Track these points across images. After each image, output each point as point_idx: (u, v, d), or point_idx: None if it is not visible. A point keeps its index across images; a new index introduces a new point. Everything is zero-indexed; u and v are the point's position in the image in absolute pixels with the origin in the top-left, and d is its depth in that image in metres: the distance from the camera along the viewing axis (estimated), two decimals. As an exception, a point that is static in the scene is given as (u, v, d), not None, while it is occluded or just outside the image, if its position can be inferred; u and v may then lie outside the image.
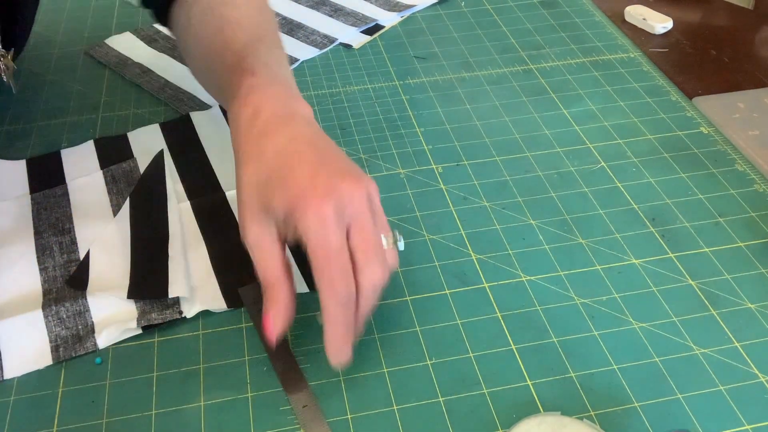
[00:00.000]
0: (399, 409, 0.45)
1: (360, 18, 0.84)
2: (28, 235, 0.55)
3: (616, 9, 0.85)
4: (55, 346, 0.48)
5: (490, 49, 0.79)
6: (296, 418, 0.44)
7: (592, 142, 0.65)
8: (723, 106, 0.69)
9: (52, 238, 0.55)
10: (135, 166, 0.62)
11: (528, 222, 0.57)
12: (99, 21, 0.86)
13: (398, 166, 0.63)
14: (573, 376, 0.46)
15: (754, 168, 0.62)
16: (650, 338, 0.48)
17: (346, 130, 0.68)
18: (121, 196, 0.59)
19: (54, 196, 0.59)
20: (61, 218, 0.57)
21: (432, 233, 0.57)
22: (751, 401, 0.45)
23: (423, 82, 0.74)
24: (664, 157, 0.64)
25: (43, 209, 0.57)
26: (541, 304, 0.51)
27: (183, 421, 0.44)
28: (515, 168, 0.63)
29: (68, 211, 0.57)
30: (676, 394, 0.45)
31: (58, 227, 0.56)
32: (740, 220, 0.57)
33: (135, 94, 0.73)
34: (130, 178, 0.60)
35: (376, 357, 0.48)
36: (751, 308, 0.50)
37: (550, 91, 0.72)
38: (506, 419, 0.44)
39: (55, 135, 0.67)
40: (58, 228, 0.56)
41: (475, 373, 0.47)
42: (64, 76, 0.76)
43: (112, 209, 0.57)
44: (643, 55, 0.77)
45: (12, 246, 0.54)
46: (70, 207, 0.58)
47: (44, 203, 0.58)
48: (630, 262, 0.54)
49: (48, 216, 0.57)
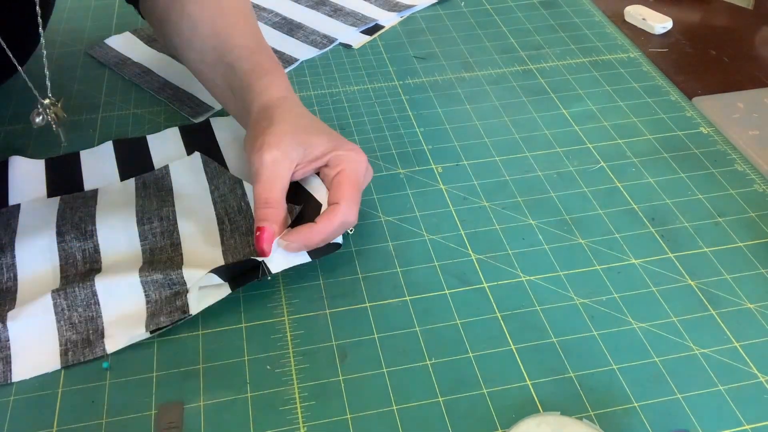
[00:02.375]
0: (399, 409, 0.45)
1: (360, 18, 0.84)
2: (51, 236, 0.54)
3: (615, 9, 0.85)
4: (65, 350, 0.48)
5: (489, 49, 0.79)
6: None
7: (591, 142, 0.65)
8: (723, 106, 0.69)
9: (74, 243, 0.54)
10: (167, 173, 0.61)
11: (528, 222, 0.58)
12: (99, 21, 0.86)
13: (398, 166, 0.63)
14: (572, 376, 0.46)
15: (754, 168, 0.62)
16: (650, 338, 0.48)
17: (346, 130, 0.68)
18: (148, 200, 0.58)
19: (83, 197, 0.58)
20: (85, 218, 0.56)
21: (432, 233, 0.57)
22: (751, 401, 0.45)
23: (423, 82, 0.74)
24: (664, 157, 0.64)
25: (69, 209, 0.57)
26: (540, 304, 0.51)
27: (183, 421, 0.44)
28: (515, 168, 0.63)
29: (92, 211, 0.57)
30: (676, 394, 0.45)
31: (81, 229, 0.55)
32: (740, 220, 0.57)
33: (135, 94, 0.73)
34: (161, 185, 0.59)
35: (376, 357, 0.48)
36: (750, 308, 0.51)
37: (549, 91, 0.72)
38: (506, 419, 0.44)
39: (55, 135, 0.67)
40: (80, 230, 0.55)
41: (475, 373, 0.47)
42: (64, 76, 0.76)
43: (135, 215, 0.56)
44: (642, 55, 0.77)
45: (34, 247, 0.54)
46: (96, 207, 0.57)
47: (71, 202, 0.58)
48: (629, 262, 0.54)
49: (72, 216, 0.56)
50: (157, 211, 0.56)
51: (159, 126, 0.68)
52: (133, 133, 0.68)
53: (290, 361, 0.48)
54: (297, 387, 0.46)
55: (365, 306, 0.51)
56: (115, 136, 0.67)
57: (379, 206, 0.59)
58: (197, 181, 0.60)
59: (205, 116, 0.69)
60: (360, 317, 0.50)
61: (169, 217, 0.56)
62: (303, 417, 0.44)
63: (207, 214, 0.57)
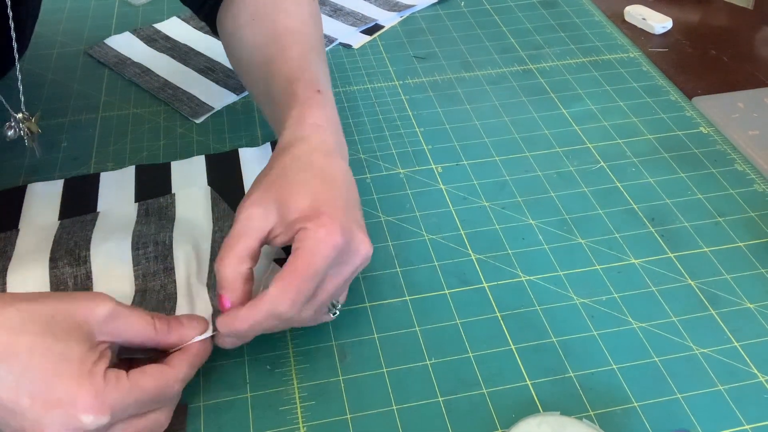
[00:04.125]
0: (399, 409, 0.45)
1: (360, 18, 0.84)
2: (43, 263, 0.52)
3: (615, 9, 0.85)
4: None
5: (489, 49, 0.79)
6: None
7: (591, 142, 0.65)
8: (723, 106, 0.69)
9: (66, 269, 0.51)
10: (172, 202, 0.58)
11: (527, 222, 0.58)
12: (99, 21, 0.86)
13: (398, 165, 0.63)
14: (572, 376, 0.46)
15: (754, 168, 0.62)
16: (650, 338, 0.48)
17: (346, 130, 0.67)
18: (147, 226, 0.55)
19: (82, 222, 0.56)
20: (80, 243, 0.53)
21: (431, 233, 0.57)
22: (751, 401, 0.45)
23: (423, 82, 0.74)
24: (664, 157, 0.64)
25: (65, 234, 0.55)
26: (540, 304, 0.51)
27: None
28: (515, 168, 0.63)
29: (89, 236, 0.54)
30: (676, 394, 0.45)
31: (74, 254, 0.52)
32: (740, 220, 0.57)
33: (135, 93, 0.73)
34: (163, 214, 0.57)
35: (376, 357, 0.48)
36: (750, 308, 0.51)
37: (549, 91, 0.72)
38: (506, 419, 0.44)
39: (55, 135, 0.67)
40: (74, 255, 0.52)
41: (475, 373, 0.47)
42: (64, 76, 0.76)
43: (131, 240, 0.53)
44: (642, 55, 0.77)
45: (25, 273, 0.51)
46: (92, 232, 0.55)
47: (69, 227, 0.55)
48: (629, 262, 0.54)
49: (67, 241, 0.54)
50: (153, 236, 0.54)
51: (159, 126, 0.68)
52: (132, 133, 0.68)
53: (290, 361, 0.48)
54: (297, 387, 0.46)
55: (365, 306, 0.51)
56: (115, 136, 0.67)
57: (379, 206, 0.59)
58: (202, 216, 0.57)
59: (205, 116, 0.69)
60: (360, 317, 0.50)
61: (165, 242, 0.53)
62: (303, 417, 0.44)
63: (203, 247, 0.54)
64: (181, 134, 0.68)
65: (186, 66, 0.76)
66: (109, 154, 0.65)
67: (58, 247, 0.53)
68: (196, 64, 0.76)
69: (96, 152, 0.66)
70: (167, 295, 0.49)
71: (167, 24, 0.84)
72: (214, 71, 0.75)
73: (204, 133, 0.68)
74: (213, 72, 0.75)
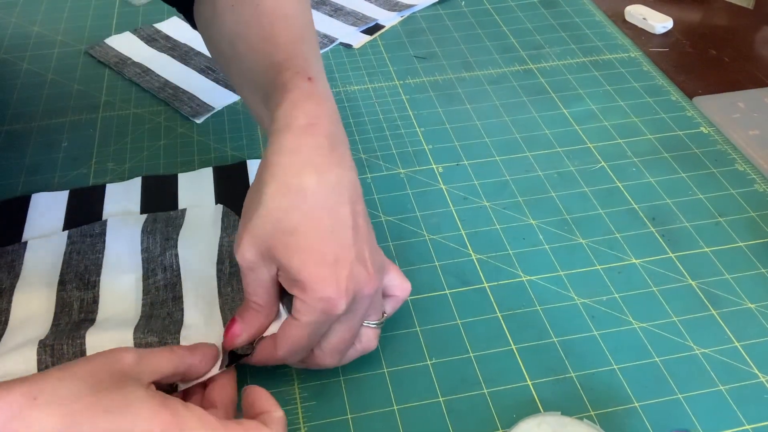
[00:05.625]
0: (399, 409, 0.45)
1: (360, 18, 0.84)
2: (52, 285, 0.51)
3: (616, 9, 0.85)
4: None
5: (490, 48, 0.79)
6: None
7: (592, 142, 0.65)
8: (723, 106, 0.69)
9: (74, 292, 0.51)
10: (182, 215, 0.57)
11: (528, 222, 0.57)
12: (99, 21, 0.86)
13: (398, 165, 0.63)
14: (573, 376, 0.46)
15: (754, 168, 0.62)
16: (650, 338, 0.48)
17: (346, 130, 0.67)
18: (153, 239, 0.55)
19: (91, 235, 0.55)
20: (90, 267, 0.52)
21: (432, 233, 0.57)
22: (751, 401, 0.45)
23: (423, 81, 0.74)
24: (665, 156, 0.64)
25: (75, 252, 0.54)
26: (541, 303, 0.51)
27: (183, 421, 0.44)
28: (515, 168, 0.63)
29: (100, 259, 0.53)
30: (676, 394, 0.45)
31: (84, 279, 0.52)
32: (740, 219, 0.57)
33: (135, 93, 0.73)
34: (170, 231, 0.55)
35: (376, 357, 0.48)
36: (751, 308, 0.50)
37: (550, 91, 0.72)
38: (506, 419, 0.44)
39: (55, 135, 0.67)
40: (83, 280, 0.51)
41: (475, 373, 0.47)
42: (64, 76, 0.76)
43: (142, 267, 0.53)
44: (643, 55, 0.77)
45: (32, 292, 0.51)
46: (104, 253, 0.54)
47: (79, 243, 0.55)
48: (630, 262, 0.54)
49: (78, 264, 0.53)
50: (160, 258, 0.53)
51: (159, 126, 0.68)
52: (132, 133, 0.68)
53: (290, 361, 0.48)
54: (297, 387, 0.46)
55: (365, 306, 0.51)
56: (115, 136, 0.67)
57: (380, 206, 0.59)
58: (210, 229, 0.56)
59: (205, 116, 0.69)
60: (360, 317, 0.50)
61: (173, 266, 0.52)
62: (304, 417, 0.44)
63: (210, 257, 0.53)
64: (182, 134, 0.68)
65: (186, 66, 0.76)
66: (109, 154, 0.65)
67: (68, 269, 0.53)
68: (196, 64, 0.76)
69: (96, 152, 0.66)
70: (173, 320, 0.49)
71: (167, 24, 0.84)
72: (214, 71, 0.75)
73: (204, 133, 0.68)
74: (213, 72, 0.75)
